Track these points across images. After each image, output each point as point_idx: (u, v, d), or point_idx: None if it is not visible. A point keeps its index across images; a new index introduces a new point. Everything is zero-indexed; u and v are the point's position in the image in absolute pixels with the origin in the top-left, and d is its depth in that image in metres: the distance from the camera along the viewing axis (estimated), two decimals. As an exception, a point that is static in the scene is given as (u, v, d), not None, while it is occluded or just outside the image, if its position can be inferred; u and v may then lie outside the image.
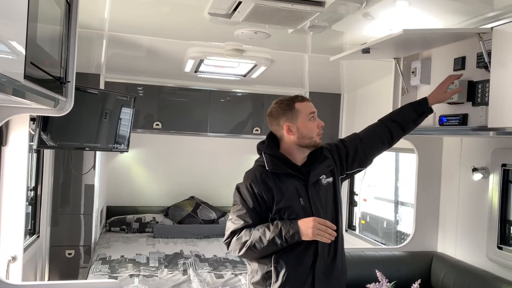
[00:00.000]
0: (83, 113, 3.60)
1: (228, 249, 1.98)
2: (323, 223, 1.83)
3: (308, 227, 1.81)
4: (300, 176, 1.96)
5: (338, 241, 1.99)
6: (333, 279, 1.98)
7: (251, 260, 2.01)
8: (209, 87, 4.73)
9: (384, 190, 5.08)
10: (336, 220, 2.01)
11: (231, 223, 1.95)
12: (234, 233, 1.93)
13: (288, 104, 1.98)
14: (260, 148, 2.04)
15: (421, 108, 2.25)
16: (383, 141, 2.21)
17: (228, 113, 4.93)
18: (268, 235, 1.84)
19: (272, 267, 1.92)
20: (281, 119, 1.98)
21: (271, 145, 2.01)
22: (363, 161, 2.17)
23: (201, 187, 6.02)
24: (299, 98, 2.00)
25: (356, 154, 2.13)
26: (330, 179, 2.04)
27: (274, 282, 1.92)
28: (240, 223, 1.92)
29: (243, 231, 1.91)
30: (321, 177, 2.01)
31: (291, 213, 1.90)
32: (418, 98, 2.77)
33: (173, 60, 3.80)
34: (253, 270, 2.01)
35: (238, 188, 1.99)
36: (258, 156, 2.04)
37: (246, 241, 1.88)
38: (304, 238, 1.83)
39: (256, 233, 1.87)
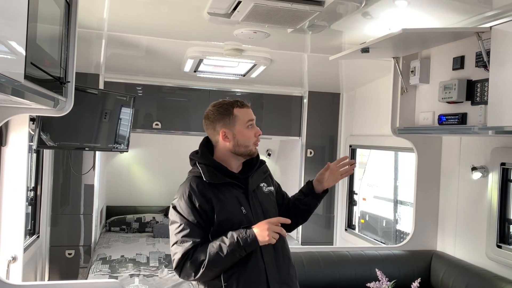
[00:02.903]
0: (83, 113, 3.60)
1: (180, 275, 1.79)
2: (276, 221, 1.77)
3: (263, 230, 1.73)
4: (239, 184, 1.87)
5: (284, 249, 1.92)
6: (288, 285, 1.90)
7: (197, 282, 1.85)
8: (209, 86, 4.73)
9: (383, 189, 5.09)
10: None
11: (178, 247, 1.76)
12: (185, 255, 1.74)
13: (226, 109, 1.89)
14: (193, 158, 1.92)
15: (307, 189, 2.09)
16: (296, 220, 2.07)
17: (227, 112, 4.92)
18: (226, 248, 1.72)
19: (223, 286, 1.78)
20: (217, 124, 1.88)
21: (205, 154, 1.90)
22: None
23: (200, 187, 6.01)
24: (239, 104, 1.91)
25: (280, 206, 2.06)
26: (271, 188, 1.99)
27: None
28: (189, 243, 1.75)
29: (196, 252, 1.74)
30: (261, 185, 1.95)
31: (233, 223, 1.79)
32: (416, 98, 2.80)
33: (173, 60, 3.80)
34: None
35: (174, 207, 1.82)
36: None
37: (202, 261, 1.72)
38: (261, 243, 1.74)
39: (211, 249, 1.73)
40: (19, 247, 2.79)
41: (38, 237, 3.86)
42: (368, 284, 2.08)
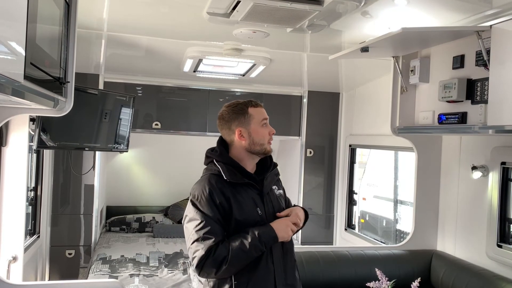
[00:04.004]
0: (83, 114, 3.60)
1: (200, 273, 1.76)
2: (295, 220, 1.85)
3: (286, 226, 1.82)
4: (255, 185, 1.89)
5: (291, 251, 1.96)
6: (293, 286, 1.93)
7: (208, 280, 1.85)
8: (208, 86, 4.73)
9: (383, 188, 5.09)
10: None
11: (200, 244, 1.74)
12: (208, 253, 1.72)
13: (241, 108, 1.93)
14: (211, 155, 1.92)
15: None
16: None
17: (227, 112, 4.92)
18: (248, 244, 1.74)
19: (233, 285, 1.79)
20: (233, 123, 1.91)
21: (224, 153, 1.91)
22: None
23: (200, 187, 6.01)
24: (253, 103, 1.96)
25: None
26: (281, 191, 2.03)
27: None
28: (211, 240, 1.73)
29: (218, 249, 1.73)
30: (273, 187, 1.98)
31: (249, 223, 1.81)
32: (416, 97, 2.80)
33: (172, 60, 3.80)
34: None
35: (194, 204, 1.81)
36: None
37: (224, 257, 1.72)
38: (281, 239, 1.81)
39: (233, 245, 1.74)
40: (20, 247, 2.79)
41: (38, 237, 3.86)
42: (368, 284, 2.08)
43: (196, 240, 1.75)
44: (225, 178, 1.82)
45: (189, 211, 1.82)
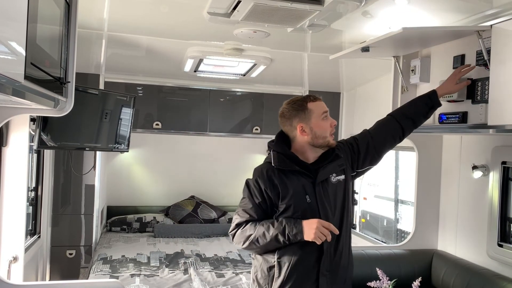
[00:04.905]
0: (83, 113, 3.60)
1: (232, 240, 2.02)
2: (327, 226, 1.84)
3: (311, 228, 1.82)
4: (308, 174, 1.96)
5: (345, 238, 2.02)
6: (338, 277, 2.00)
7: (255, 254, 2.03)
8: (209, 86, 4.73)
9: (384, 188, 5.09)
10: (343, 218, 2.02)
11: (237, 216, 1.99)
12: (239, 225, 1.97)
13: (300, 105, 1.99)
14: (270, 146, 2.04)
15: (431, 102, 2.22)
16: (394, 137, 2.20)
17: (227, 112, 4.93)
18: (272, 231, 1.87)
19: (275, 262, 1.93)
20: (294, 120, 1.98)
21: (280, 143, 2.01)
22: (374, 159, 2.17)
23: (201, 187, 6.02)
24: (311, 98, 2.00)
25: (367, 152, 2.14)
26: (341, 177, 2.03)
27: (277, 277, 1.93)
28: (246, 216, 1.96)
29: (248, 225, 1.94)
30: (330, 175, 2.00)
31: (297, 210, 1.91)
32: (417, 97, 2.79)
33: (173, 59, 3.80)
34: (257, 265, 2.02)
35: (247, 183, 2.01)
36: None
37: (250, 235, 1.91)
38: (306, 238, 1.84)
39: (260, 228, 1.90)
40: (20, 247, 2.79)
41: (39, 237, 3.86)
42: (369, 283, 2.08)
43: (237, 212, 2.01)
44: (273, 165, 1.93)
45: (244, 189, 2.03)
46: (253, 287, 2.05)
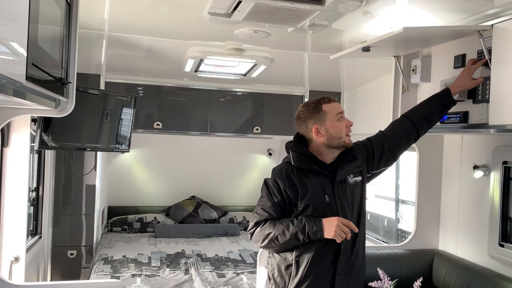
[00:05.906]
0: (84, 114, 3.60)
1: (251, 239, 2.02)
2: (347, 224, 1.85)
3: (331, 225, 1.83)
4: (327, 174, 1.97)
5: (361, 239, 2.03)
6: (353, 277, 2.00)
7: (273, 252, 2.03)
8: (209, 86, 4.73)
9: (385, 188, 5.08)
10: (360, 218, 2.03)
11: (256, 215, 2.00)
12: (257, 224, 1.97)
13: (315, 107, 2.00)
14: (288, 146, 2.06)
15: (445, 101, 2.21)
16: (409, 137, 2.20)
17: (228, 112, 4.93)
18: (292, 229, 1.87)
19: (293, 261, 1.93)
20: (309, 122, 2.00)
21: (298, 144, 2.03)
22: (389, 160, 2.17)
23: (201, 187, 6.03)
24: (326, 100, 2.02)
25: (382, 153, 2.14)
26: (359, 178, 2.05)
27: (294, 276, 1.93)
28: (264, 215, 1.96)
29: (267, 223, 1.94)
30: (348, 176, 2.01)
31: (316, 209, 1.91)
32: (418, 96, 2.79)
33: (173, 60, 3.80)
34: (273, 263, 2.02)
35: (265, 182, 2.02)
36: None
37: (269, 233, 1.91)
38: (326, 235, 1.85)
39: (279, 226, 1.90)
40: (22, 248, 2.80)
41: (40, 237, 3.87)
42: (370, 283, 2.08)
43: (255, 211, 2.01)
44: (293, 164, 1.95)
45: (262, 188, 2.04)
46: (269, 285, 2.05)
